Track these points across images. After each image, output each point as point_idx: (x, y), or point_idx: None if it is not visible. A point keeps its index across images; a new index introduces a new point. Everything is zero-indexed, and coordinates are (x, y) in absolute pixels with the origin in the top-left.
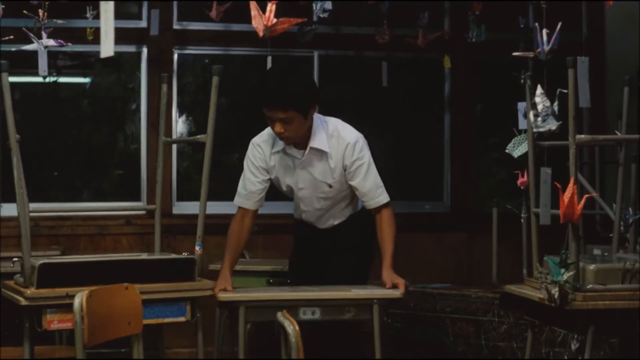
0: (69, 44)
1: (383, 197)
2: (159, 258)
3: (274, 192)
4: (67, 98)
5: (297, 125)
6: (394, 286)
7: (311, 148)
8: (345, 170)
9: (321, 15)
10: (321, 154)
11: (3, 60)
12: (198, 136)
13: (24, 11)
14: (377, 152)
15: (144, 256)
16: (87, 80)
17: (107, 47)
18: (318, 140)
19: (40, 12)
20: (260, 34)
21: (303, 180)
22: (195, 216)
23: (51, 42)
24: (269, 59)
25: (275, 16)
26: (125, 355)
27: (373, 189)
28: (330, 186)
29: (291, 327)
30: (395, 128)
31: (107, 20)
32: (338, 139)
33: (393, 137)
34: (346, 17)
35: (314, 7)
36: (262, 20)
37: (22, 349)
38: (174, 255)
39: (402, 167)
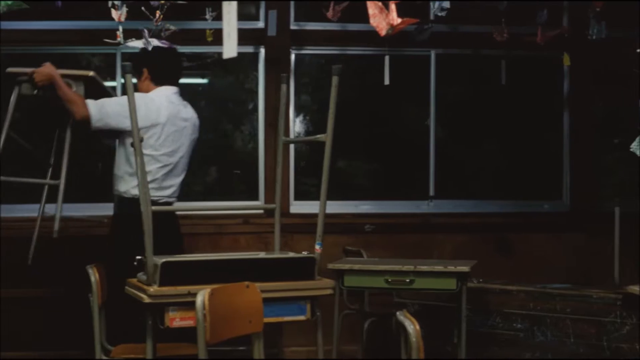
0: (174, 45)
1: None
2: (280, 257)
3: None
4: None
5: (138, 84)
6: None
7: None
8: None
9: (439, 14)
10: None
11: (127, 62)
12: (318, 135)
13: (142, 8)
14: (494, 150)
15: (264, 255)
16: (204, 81)
17: (230, 48)
18: None
19: (157, 13)
20: (383, 32)
21: None
22: (311, 215)
23: (155, 43)
24: (387, 58)
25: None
26: (245, 353)
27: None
28: None
29: (412, 327)
30: (514, 127)
31: (230, 21)
32: None
33: (511, 136)
34: (463, 15)
35: (432, 6)
36: (383, 18)
37: (144, 346)
38: (294, 254)
39: (520, 166)
